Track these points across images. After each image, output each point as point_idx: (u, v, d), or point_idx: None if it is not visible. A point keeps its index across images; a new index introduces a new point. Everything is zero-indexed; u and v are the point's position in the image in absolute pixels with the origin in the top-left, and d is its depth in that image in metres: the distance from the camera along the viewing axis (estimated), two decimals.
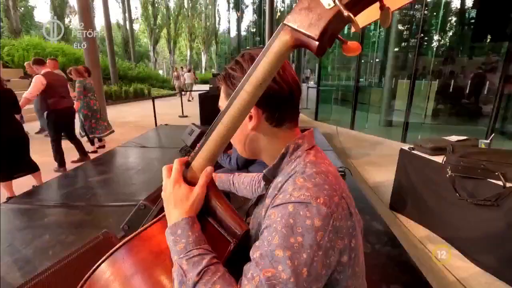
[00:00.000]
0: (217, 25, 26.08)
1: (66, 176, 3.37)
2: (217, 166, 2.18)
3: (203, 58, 28.83)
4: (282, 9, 13.85)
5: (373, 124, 6.60)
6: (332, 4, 0.36)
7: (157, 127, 6.04)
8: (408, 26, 6.97)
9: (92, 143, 4.90)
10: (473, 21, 6.52)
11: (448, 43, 7.32)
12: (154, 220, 0.58)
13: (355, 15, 0.36)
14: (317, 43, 0.38)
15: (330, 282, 0.50)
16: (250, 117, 0.56)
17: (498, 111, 4.45)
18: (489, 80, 5.27)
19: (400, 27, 6.62)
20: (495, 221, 1.84)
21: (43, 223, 2.39)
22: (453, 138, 2.48)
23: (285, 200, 0.46)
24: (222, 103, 0.61)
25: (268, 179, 0.59)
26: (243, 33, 21.26)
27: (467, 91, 5.97)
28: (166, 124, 6.25)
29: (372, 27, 7.13)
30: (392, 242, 2.13)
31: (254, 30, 20.37)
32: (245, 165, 1.88)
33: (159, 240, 0.54)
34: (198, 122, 6.46)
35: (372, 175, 3.59)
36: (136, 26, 26.84)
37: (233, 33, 21.36)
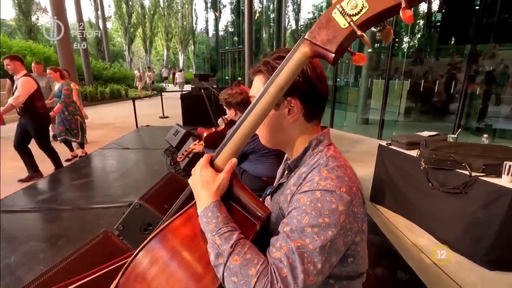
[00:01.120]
0: (194, 25, 25.77)
1: (49, 180, 3.27)
2: None
3: (181, 58, 28.39)
4: (259, 9, 13.98)
5: (351, 123, 6.90)
6: (347, 25, 0.46)
7: (138, 129, 5.95)
8: (381, 28, 7.34)
9: (71, 149, 4.43)
10: (439, 24, 6.96)
11: (417, 45, 7.77)
12: (184, 209, 0.64)
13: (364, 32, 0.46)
14: (333, 55, 0.48)
15: (345, 258, 0.61)
16: (289, 111, 0.64)
17: (463, 109, 4.84)
18: (455, 80, 5.70)
19: (373, 29, 6.96)
20: (463, 207, 2.05)
21: (28, 227, 2.33)
22: (426, 133, 2.71)
23: (312, 187, 0.56)
24: (256, 91, 0.68)
25: (291, 169, 0.69)
26: (221, 33, 21.16)
27: (436, 90, 6.41)
28: (147, 126, 6.17)
29: None
30: (374, 230, 2.31)
31: (232, 30, 20.34)
32: (238, 161, 1.96)
33: (192, 225, 0.61)
34: (180, 123, 6.44)
35: None
36: (109, 25, 25.92)
37: (211, 33, 21.21)
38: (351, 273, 0.65)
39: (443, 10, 6.58)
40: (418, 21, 7.51)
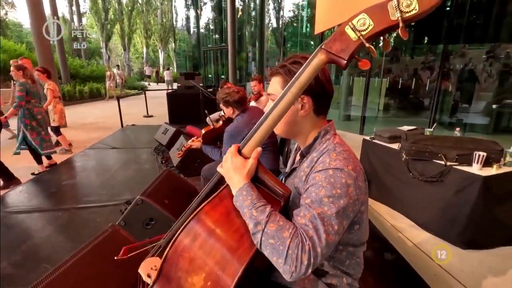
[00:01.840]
0: (174, 22, 25.33)
1: (39, 180, 3.22)
2: (208, 159, 2.31)
3: (161, 56, 27.85)
4: (240, 7, 14.01)
5: (334, 119, 7.14)
6: (357, 38, 0.58)
7: (123, 128, 5.88)
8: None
9: (40, 161, 3.64)
10: (413, 24, 7.33)
11: (393, 44, 8.15)
12: (215, 194, 0.74)
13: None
14: (345, 62, 0.60)
15: (353, 225, 0.74)
16: (302, 107, 0.77)
17: (437, 105, 5.18)
18: (429, 78, 6.07)
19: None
20: (439, 194, 2.27)
21: (26, 227, 2.31)
22: (405, 128, 2.93)
23: (325, 167, 0.69)
24: (274, 90, 0.81)
25: (303, 155, 0.82)
26: (201, 30, 20.94)
27: (412, 87, 6.78)
28: (133, 125, 6.11)
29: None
30: None
31: (214, 27, 20.20)
32: None
33: (225, 205, 0.71)
34: (166, 121, 6.42)
35: None
36: (84, 21, 24.90)
37: (192, 30, 20.96)
38: (356, 242, 0.79)
39: None
40: None
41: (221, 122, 2.34)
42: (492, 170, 2.05)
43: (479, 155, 2.05)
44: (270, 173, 0.76)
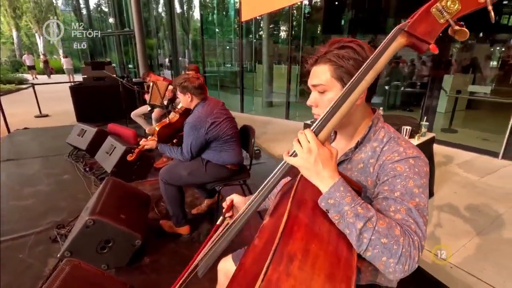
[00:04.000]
0: (54, 1, 20.95)
1: None
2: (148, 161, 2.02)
3: (40, 42, 22.80)
4: None
5: (257, 107, 7.36)
6: (445, 20, 0.56)
7: (12, 134, 4.63)
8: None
9: None
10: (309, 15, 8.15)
11: (294, 33, 8.85)
12: (290, 201, 0.63)
13: None
14: (427, 46, 0.58)
15: None
16: None
17: None
18: None
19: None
20: None
21: None
22: None
23: (403, 156, 0.68)
24: (322, 80, 0.74)
25: (356, 146, 0.78)
26: (92, 13, 18.02)
27: None
28: (25, 128, 4.87)
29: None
30: None
31: (107, 9, 17.64)
32: (198, 153, 1.87)
33: (306, 209, 0.63)
34: (68, 120, 5.40)
35: (277, 150, 4.14)
36: None
37: (85, 12, 17.79)
38: None
39: (312, 3, 7.78)
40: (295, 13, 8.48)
41: (177, 116, 2.07)
42: (415, 141, 2.48)
43: (406, 129, 2.43)
44: None
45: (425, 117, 2.70)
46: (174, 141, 2.15)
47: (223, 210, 0.96)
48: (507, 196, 2.68)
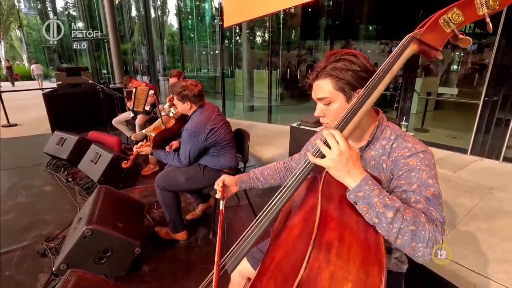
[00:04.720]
0: (16, 3, 19.75)
1: None
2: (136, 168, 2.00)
3: (1, 47, 21.38)
4: None
5: (239, 111, 7.41)
6: (450, 30, 0.65)
7: None
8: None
9: None
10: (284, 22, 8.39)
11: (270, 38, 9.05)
12: (319, 196, 0.68)
13: None
14: (436, 52, 0.66)
15: None
16: None
17: None
18: (307, 68, 7.13)
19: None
20: None
21: None
22: None
23: (413, 151, 0.76)
24: (327, 93, 0.80)
25: (366, 145, 0.85)
26: (60, 18, 17.18)
27: (298, 77, 7.75)
28: None
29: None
30: None
31: (75, 13, 16.89)
32: (196, 159, 1.87)
33: (335, 203, 0.68)
34: (40, 128, 5.14)
35: (264, 153, 4.20)
36: None
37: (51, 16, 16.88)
38: None
39: (292, 11, 8.02)
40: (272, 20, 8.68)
41: (173, 121, 2.05)
42: None
43: None
44: None
45: (404, 118, 2.88)
46: (167, 148, 2.12)
47: (220, 194, 1.04)
48: (478, 188, 2.92)
